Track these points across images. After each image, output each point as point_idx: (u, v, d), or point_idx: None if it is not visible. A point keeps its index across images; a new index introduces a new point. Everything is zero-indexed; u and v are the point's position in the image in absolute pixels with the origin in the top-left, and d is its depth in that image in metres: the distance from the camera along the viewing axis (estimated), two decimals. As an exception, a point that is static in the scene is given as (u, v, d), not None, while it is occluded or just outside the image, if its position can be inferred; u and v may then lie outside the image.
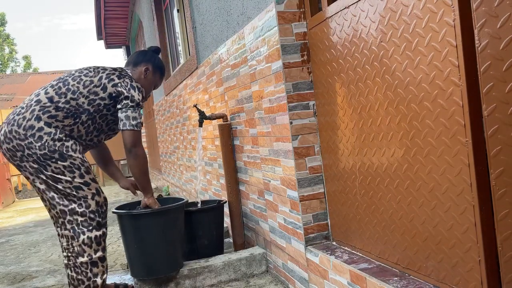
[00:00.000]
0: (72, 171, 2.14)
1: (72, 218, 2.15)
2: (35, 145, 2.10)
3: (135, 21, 8.53)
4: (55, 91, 2.21)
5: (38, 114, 2.15)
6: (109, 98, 2.26)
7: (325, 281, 1.97)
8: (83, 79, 2.25)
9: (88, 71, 2.31)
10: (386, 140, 1.64)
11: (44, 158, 2.11)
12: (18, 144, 2.12)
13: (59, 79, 2.29)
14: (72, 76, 2.28)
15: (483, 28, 1.19)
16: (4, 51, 28.49)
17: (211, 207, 2.89)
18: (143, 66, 2.46)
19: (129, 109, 2.25)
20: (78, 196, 2.15)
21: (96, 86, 2.25)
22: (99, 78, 2.27)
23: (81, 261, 2.15)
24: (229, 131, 3.02)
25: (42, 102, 2.18)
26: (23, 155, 2.13)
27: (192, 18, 3.80)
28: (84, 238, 2.15)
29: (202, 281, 2.58)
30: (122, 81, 2.28)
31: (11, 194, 8.91)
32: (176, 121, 5.24)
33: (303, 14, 2.11)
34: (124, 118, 2.25)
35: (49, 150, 2.11)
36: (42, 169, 2.12)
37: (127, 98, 2.25)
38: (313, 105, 2.14)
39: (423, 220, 1.50)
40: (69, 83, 2.24)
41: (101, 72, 2.30)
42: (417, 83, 1.44)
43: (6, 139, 2.15)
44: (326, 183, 2.14)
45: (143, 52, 2.55)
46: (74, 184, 2.14)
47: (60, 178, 2.13)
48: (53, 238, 4.59)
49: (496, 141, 1.20)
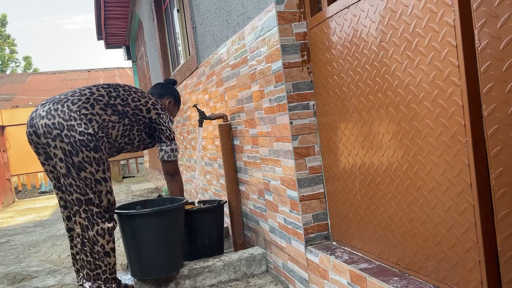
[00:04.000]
0: (99, 164, 2.22)
1: (87, 208, 2.22)
2: (77, 129, 2.17)
3: (135, 21, 8.53)
4: (106, 92, 2.38)
5: (91, 102, 2.28)
6: (149, 120, 2.51)
7: (325, 281, 1.97)
8: (132, 95, 2.48)
9: (136, 90, 2.55)
10: (386, 140, 1.64)
11: (81, 144, 2.16)
12: (59, 122, 2.17)
13: (108, 85, 2.46)
14: (122, 87, 2.48)
15: (483, 28, 1.19)
16: (4, 51, 28.48)
17: (211, 207, 2.89)
18: (167, 99, 2.79)
19: (171, 143, 2.58)
20: (94, 190, 2.22)
21: (142, 105, 2.49)
22: (145, 101, 2.51)
23: (97, 249, 2.22)
24: (229, 131, 3.02)
25: (95, 94, 2.33)
26: (59, 134, 2.16)
27: (192, 18, 3.80)
28: (98, 228, 2.22)
29: (202, 281, 2.58)
30: (164, 114, 2.57)
31: (11, 194, 8.91)
32: (176, 121, 5.24)
33: (303, 14, 2.11)
34: (169, 151, 2.58)
35: (87, 138, 2.18)
36: (74, 153, 2.17)
37: (168, 130, 2.57)
38: (313, 105, 2.14)
39: (423, 220, 1.50)
40: (119, 91, 2.44)
41: (147, 98, 2.54)
42: (417, 83, 1.44)
43: (48, 115, 2.19)
44: (326, 183, 2.14)
45: (166, 86, 2.86)
46: (96, 177, 2.22)
47: (86, 167, 2.19)
48: (53, 238, 4.59)
49: (496, 141, 1.20)
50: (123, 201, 6.45)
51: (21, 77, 21.87)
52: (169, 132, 2.57)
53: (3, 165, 8.59)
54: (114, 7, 8.18)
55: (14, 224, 5.95)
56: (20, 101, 16.13)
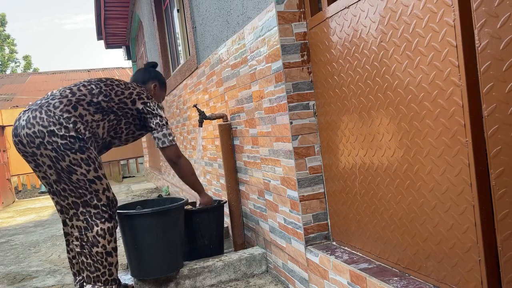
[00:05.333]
0: (89, 164, 2.18)
1: (85, 210, 2.21)
2: (58, 133, 2.13)
3: (135, 21, 8.53)
4: (88, 91, 2.30)
5: (73, 104, 2.21)
6: (137, 112, 2.41)
7: (325, 281, 1.97)
8: (115, 89, 2.37)
9: (119, 82, 2.44)
10: (386, 140, 1.64)
11: (64, 148, 2.13)
12: (39, 130, 2.14)
13: (89, 82, 2.37)
14: (104, 82, 2.38)
15: (483, 28, 1.19)
16: (4, 51, 28.47)
17: (211, 207, 2.89)
18: (152, 83, 2.65)
19: (162, 128, 2.44)
20: (90, 190, 2.19)
21: (126, 98, 2.38)
22: (129, 92, 2.41)
23: (96, 251, 2.20)
24: (229, 131, 3.02)
25: (77, 94, 2.26)
26: (42, 142, 2.14)
27: (192, 18, 3.80)
28: (98, 229, 2.20)
29: (202, 281, 2.58)
30: (150, 101, 2.45)
31: (11, 194, 8.91)
32: (176, 121, 5.24)
33: (303, 14, 2.11)
34: (161, 137, 2.44)
35: (70, 141, 2.14)
36: (60, 158, 2.14)
37: (156, 117, 2.43)
38: (313, 105, 2.14)
39: (423, 220, 1.50)
40: (101, 87, 2.34)
41: (131, 88, 2.43)
42: (417, 83, 1.44)
43: (28, 124, 2.16)
44: (326, 183, 2.14)
45: (147, 70, 2.72)
46: (89, 177, 2.18)
47: (76, 169, 2.16)
48: (53, 238, 4.59)
49: (496, 141, 1.20)
50: (123, 201, 6.44)
51: (21, 77, 21.87)
52: (159, 119, 2.44)
53: (3, 165, 8.59)
54: (114, 7, 8.17)
55: (14, 224, 5.95)
56: (20, 101, 16.12)
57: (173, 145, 2.47)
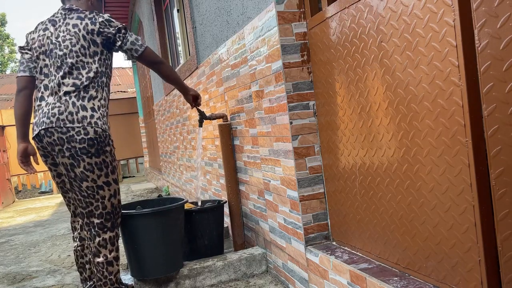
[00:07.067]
0: (101, 168, 2.16)
1: (88, 221, 2.21)
2: (76, 138, 2.09)
3: (135, 21, 8.53)
4: (70, 72, 2.14)
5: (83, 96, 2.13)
6: (93, 43, 2.18)
7: (325, 281, 1.97)
8: (66, 42, 2.15)
9: (64, 36, 2.17)
10: (386, 140, 1.64)
11: (81, 152, 2.11)
12: (59, 137, 2.10)
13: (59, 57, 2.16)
14: (66, 51, 2.16)
15: (483, 28, 1.19)
16: (4, 51, 28.46)
17: (211, 207, 2.89)
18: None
19: (125, 35, 2.23)
20: (96, 197, 2.18)
21: (88, 48, 2.17)
22: (75, 32, 2.16)
23: (97, 261, 2.21)
24: (229, 131, 3.02)
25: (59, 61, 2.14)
26: (61, 150, 2.12)
27: (192, 18, 3.79)
28: (100, 240, 2.20)
29: (202, 281, 2.58)
30: (93, 17, 2.18)
31: (11, 194, 8.91)
32: (176, 121, 5.24)
33: (303, 14, 2.11)
34: (131, 46, 2.25)
35: (88, 144, 2.11)
36: (76, 165, 2.12)
37: (109, 27, 2.19)
38: (313, 105, 2.14)
39: (423, 220, 1.50)
40: (73, 56, 2.15)
41: (74, 30, 2.16)
42: (417, 83, 1.44)
43: (47, 133, 2.12)
44: (326, 183, 2.14)
45: None
46: (98, 183, 2.17)
47: (88, 175, 2.14)
48: (53, 238, 4.59)
49: (496, 141, 1.20)
50: (123, 201, 6.44)
51: (21, 77, 21.82)
52: (113, 27, 2.19)
53: (3, 165, 8.59)
54: (114, 7, 8.17)
55: (14, 224, 5.95)
56: (20, 101, 16.08)
57: (146, 48, 2.29)
